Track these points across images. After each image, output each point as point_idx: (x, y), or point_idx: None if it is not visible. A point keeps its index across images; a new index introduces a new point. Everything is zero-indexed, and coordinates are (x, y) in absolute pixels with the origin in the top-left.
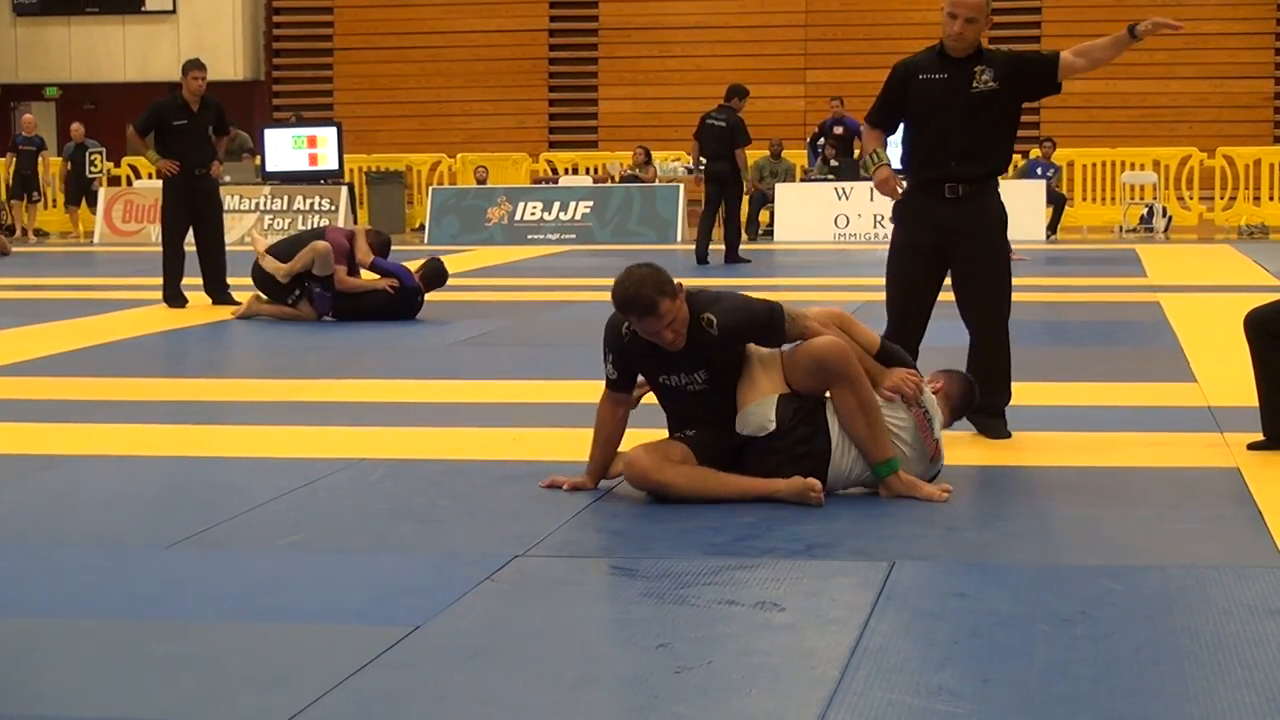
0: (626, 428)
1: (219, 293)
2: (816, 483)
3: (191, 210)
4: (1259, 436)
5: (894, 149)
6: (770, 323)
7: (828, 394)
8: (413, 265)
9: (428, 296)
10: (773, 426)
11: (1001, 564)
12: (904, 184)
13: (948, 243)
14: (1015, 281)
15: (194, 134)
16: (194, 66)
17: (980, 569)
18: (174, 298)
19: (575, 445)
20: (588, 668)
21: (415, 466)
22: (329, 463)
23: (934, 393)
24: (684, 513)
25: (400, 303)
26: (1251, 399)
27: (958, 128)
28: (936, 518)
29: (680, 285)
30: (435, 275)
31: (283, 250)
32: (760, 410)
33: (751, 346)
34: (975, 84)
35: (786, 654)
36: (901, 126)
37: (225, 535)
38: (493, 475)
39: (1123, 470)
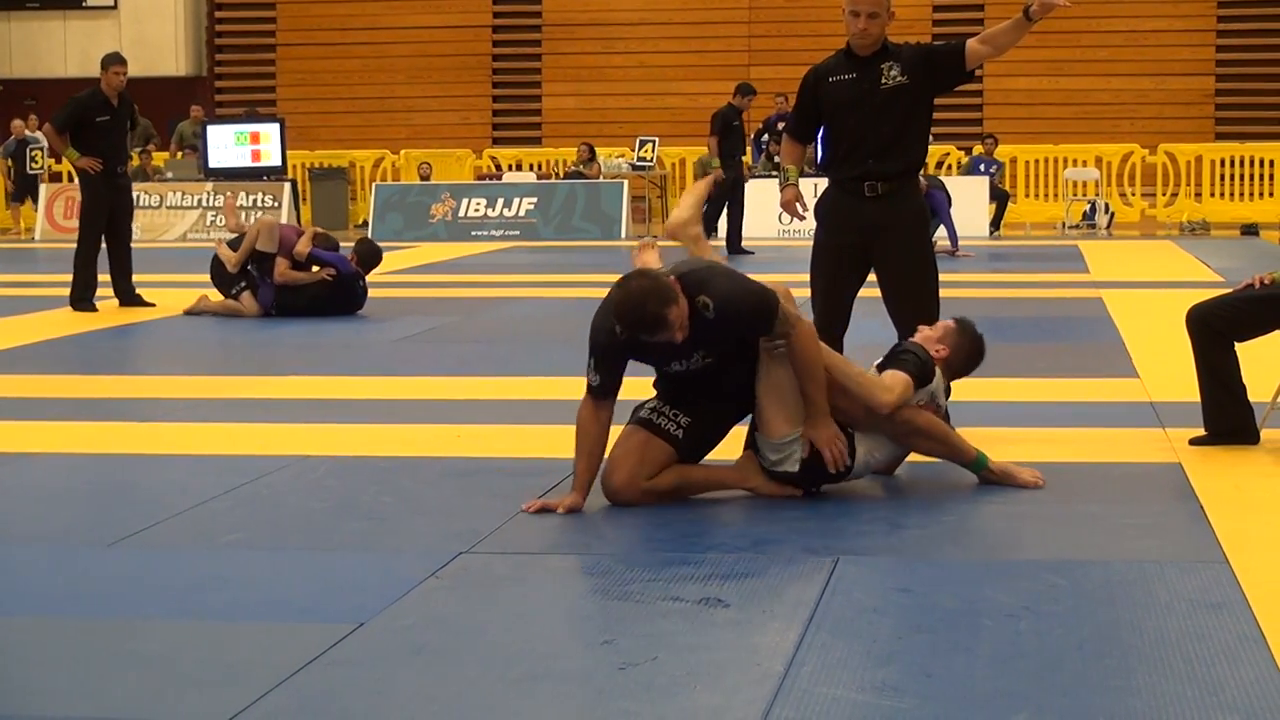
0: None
1: (129, 293)
2: (796, 490)
3: (109, 210)
4: (1201, 431)
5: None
6: (760, 317)
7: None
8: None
9: (371, 293)
10: (796, 468)
11: (945, 559)
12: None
13: (869, 241)
14: (960, 277)
15: (117, 131)
16: (115, 61)
17: (924, 564)
18: (84, 301)
19: (520, 442)
20: (532, 664)
21: (359, 463)
22: (272, 460)
23: (939, 359)
24: (629, 509)
25: (341, 291)
26: (1193, 394)
27: (871, 125)
28: (881, 514)
29: (676, 281)
30: (370, 254)
31: (239, 244)
32: (793, 448)
33: (777, 360)
34: (884, 80)
35: (731, 650)
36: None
37: (168, 533)
38: (437, 472)
39: (1066, 465)
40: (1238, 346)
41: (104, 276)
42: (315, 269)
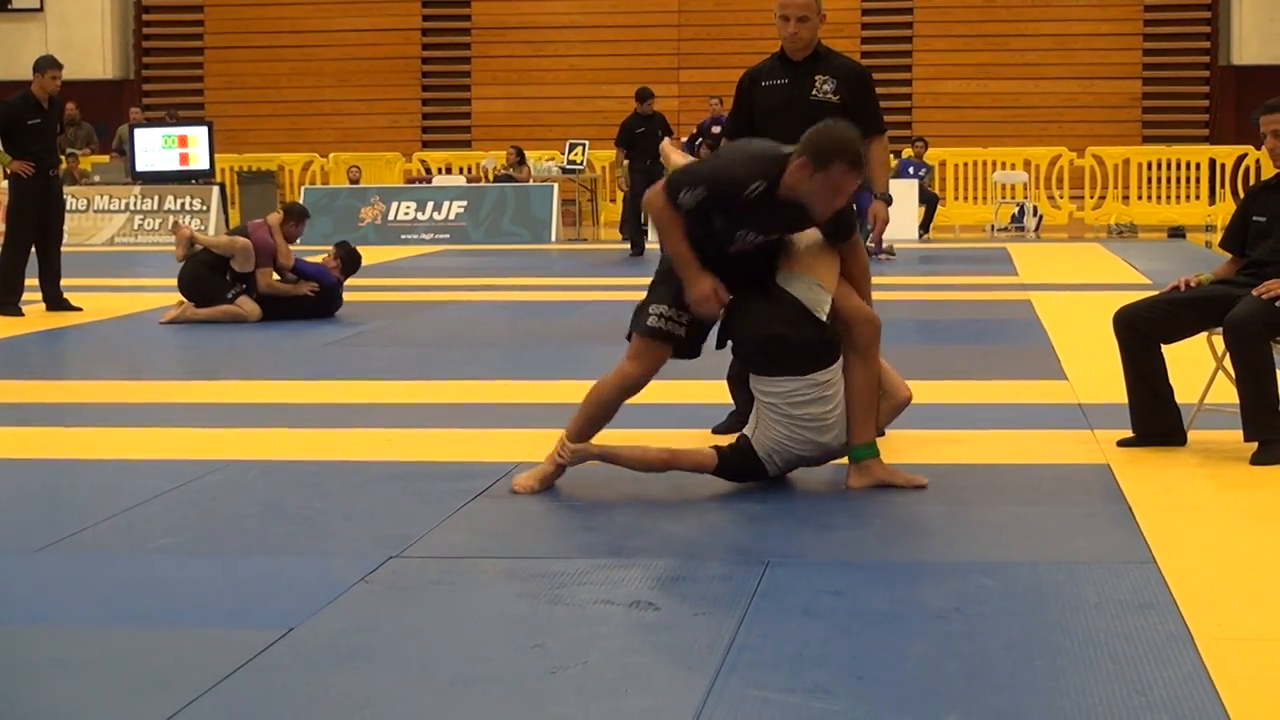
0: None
1: (57, 297)
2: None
3: (42, 213)
4: (1128, 433)
5: None
6: (852, 222)
7: None
8: (320, 257)
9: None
10: (824, 317)
11: (875, 561)
12: None
13: None
14: (889, 280)
15: (48, 133)
16: (52, 65)
17: (854, 566)
18: (11, 305)
19: (450, 446)
20: (463, 669)
21: (288, 468)
22: (201, 464)
23: None
24: (560, 513)
25: (325, 298)
26: (1121, 396)
27: (800, 133)
28: (810, 516)
29: None
30: (352, 259)
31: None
32: (824, 297)
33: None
34: (815, 92)
35: (662, 653)
36: None
37: (96, 538)
38: (367, 476)
39: (995, 467)
40: (1165, 348)
41: (30, 281)
42: (294, 276)
